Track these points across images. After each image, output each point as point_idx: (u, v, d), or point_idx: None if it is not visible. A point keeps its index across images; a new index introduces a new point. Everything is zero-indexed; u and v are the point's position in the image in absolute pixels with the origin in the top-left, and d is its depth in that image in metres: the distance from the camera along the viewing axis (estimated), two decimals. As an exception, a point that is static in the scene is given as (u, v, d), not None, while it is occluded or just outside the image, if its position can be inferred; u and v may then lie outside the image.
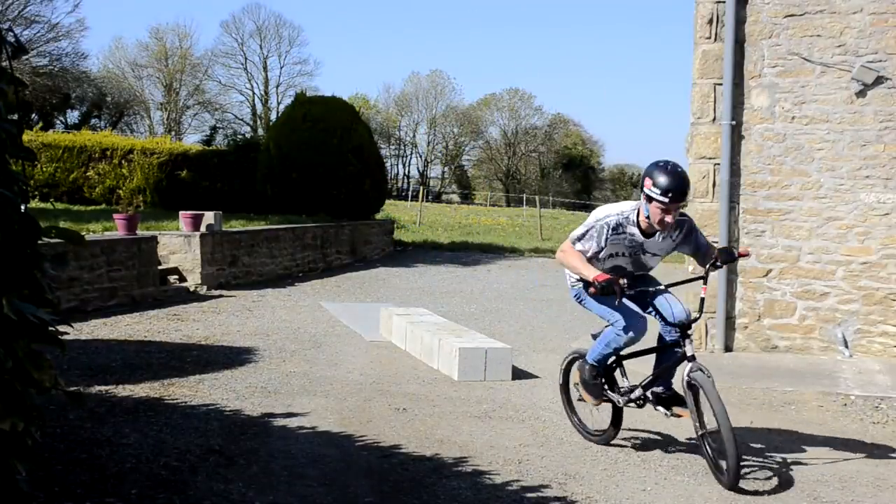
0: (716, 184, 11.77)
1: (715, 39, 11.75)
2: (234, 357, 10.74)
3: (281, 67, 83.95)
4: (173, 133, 72.27)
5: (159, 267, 16.21)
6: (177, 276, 16.92)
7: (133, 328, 12.47)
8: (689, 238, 7.18)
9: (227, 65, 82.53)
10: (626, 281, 6.62)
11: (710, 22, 11.75)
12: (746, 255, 7.56)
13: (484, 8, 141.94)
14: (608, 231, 6.91)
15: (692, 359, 6.77)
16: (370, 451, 7.09)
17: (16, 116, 3.12)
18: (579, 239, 7.01)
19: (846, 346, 11.42)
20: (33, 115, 45.51)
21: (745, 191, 11.74)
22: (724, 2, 11.61)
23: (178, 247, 16.96)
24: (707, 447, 6.73)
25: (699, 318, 7.15)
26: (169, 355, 10.65)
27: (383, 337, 12.54)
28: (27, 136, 27.14)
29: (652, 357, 7.41)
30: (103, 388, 8.83)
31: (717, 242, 11.71)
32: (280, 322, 13.58)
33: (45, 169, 29.18)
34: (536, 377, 10.30)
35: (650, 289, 7.16)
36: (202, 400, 8.51)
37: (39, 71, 52.69)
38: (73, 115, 69.61)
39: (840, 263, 11.49)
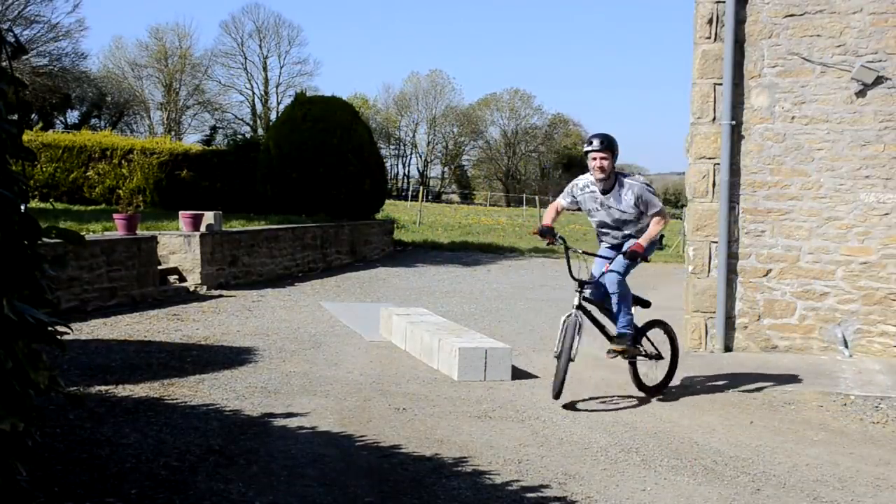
0: (716, 184, 11.77)
1: (715, 39, 11.75)
2: (234, 357, 10.74)
3: (281, 67, 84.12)
4: (173, 133, 72.33)
5: (159, 267, 16.21)
6: (177, 276, 16.92)
7: (133, 328, 12.47)
8: (640, 201, 8.93)
9: (227, 65, 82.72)
10: (557, 235, 8.99)
11: (710, 22, 11.75)
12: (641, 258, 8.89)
13: (484, 8, 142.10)
14: (577, 189, 9.21)
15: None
16: (370, 450, 7.09)
17: (16, 116, 3.12)
18: (562, 196, 9.38)
19: (846, 346, 11.43)
20: (33, 115, 45.52)
21: (744, 191, 11.74)
22: (724, 2, 11.61)
23: (178, 247, 16.96)
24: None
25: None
26: (169, 355, 10.64)
27: (383, 337, 12.54)
28: (27, 136, 27.14)
29: None
30: (103, 388, 8.82)
31: (716, 243, 11.73)
32: (280, 322, 13.58)
33: (45, 169, 29.20)
34: (536, 377, 10.29)
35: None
36: (202, 400, 8.50)
37: (39, 71, 52.69)
38: (73, 115, 69.70)
39: (840, 263, 11.50)
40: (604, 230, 9.25)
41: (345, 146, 24.69)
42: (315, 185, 24.34)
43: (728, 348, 11.79)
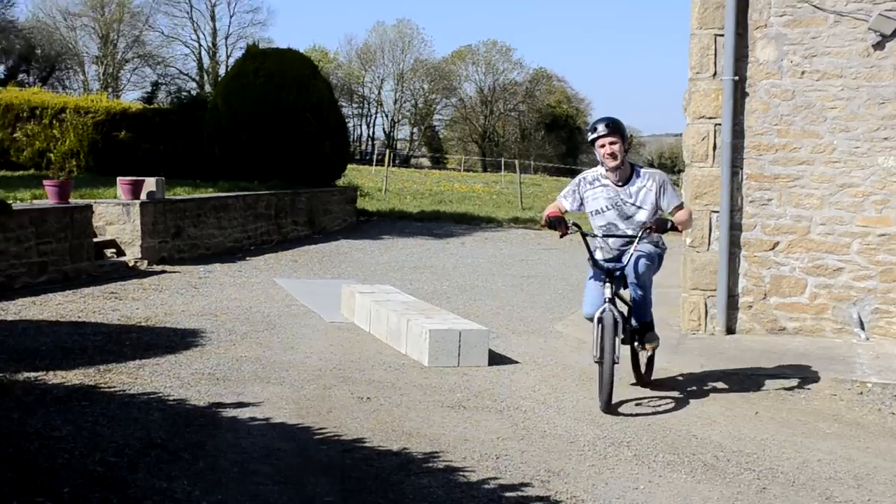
0: (716, 146, 11.75)
1: (717, -15, 11.71)
2: (178, 340, 10.70)
3: (230, 16, 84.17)
4: (110, 90, 71.87)
5: (95, 239, 16.11)
6: (114, 250, 16.83)
7: (65, 307, 12.40)
8: (662, 192, 8.61)
9: (171, 13, 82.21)
10: (571, 222, 8.39)
11: (712, -35, 11.70)
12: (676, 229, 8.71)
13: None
14: (585, 184, 8.76)
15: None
16: (330, 444, 7.07)
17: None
18: (563, 196, 8.91)
19: (862, 328, 11.45)
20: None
21: (749, 154, 11.73)
22: (726, -57, 11.56)
23: (116, 217, 16.87)
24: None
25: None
26: (106, 338, 10.59)
27: (345, 317, 12.51)
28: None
29: None
30: (32, 374, 8.76)
31: (717, 213, 11.72)
32: (229, 301, 13.54)
33: (-35, 130, 29.00)
34: (516, 362, 10.29)
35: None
36: (143, 388, 8.46)
37: (-42, 20, 52.26)
38: (-3, 70, 69.20)
39: (855, 235, 11.50)
40: (609, 234, 8.66)
41: (302, 104, 24.62)
42: (269, 148, 24.25)
43: (730, 330, 11.80)
